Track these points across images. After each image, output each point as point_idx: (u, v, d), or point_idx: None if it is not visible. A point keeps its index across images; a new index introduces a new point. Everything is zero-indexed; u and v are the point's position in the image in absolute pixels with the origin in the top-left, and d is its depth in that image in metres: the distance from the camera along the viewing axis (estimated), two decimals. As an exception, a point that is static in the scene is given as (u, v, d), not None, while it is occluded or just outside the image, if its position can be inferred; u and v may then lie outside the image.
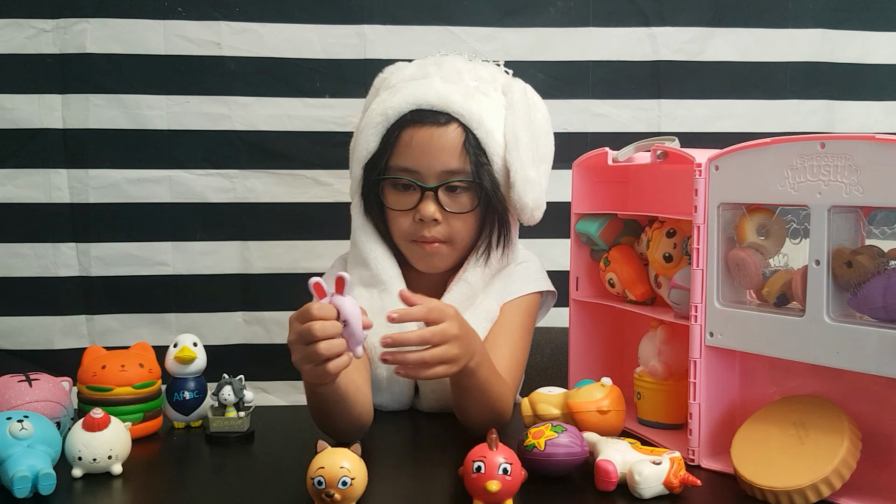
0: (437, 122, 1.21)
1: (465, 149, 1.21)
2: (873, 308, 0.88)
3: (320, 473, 0.84)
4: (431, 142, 1.21)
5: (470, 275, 1.27)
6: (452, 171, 1.21)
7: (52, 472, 0.90)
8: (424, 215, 1.21)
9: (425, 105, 1.22)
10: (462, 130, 1.21)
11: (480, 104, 1.23)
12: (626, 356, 1.30)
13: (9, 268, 1.68)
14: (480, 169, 1.22)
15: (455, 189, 1.22)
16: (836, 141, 0.90)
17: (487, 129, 1.21)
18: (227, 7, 1.68)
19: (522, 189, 1.22)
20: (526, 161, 1.22)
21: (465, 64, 1.29)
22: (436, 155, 1.21)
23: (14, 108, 1.66)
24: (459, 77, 1.25)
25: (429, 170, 1.22)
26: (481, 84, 1.26)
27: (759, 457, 0.93)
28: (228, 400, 1.12)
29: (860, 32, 1.78)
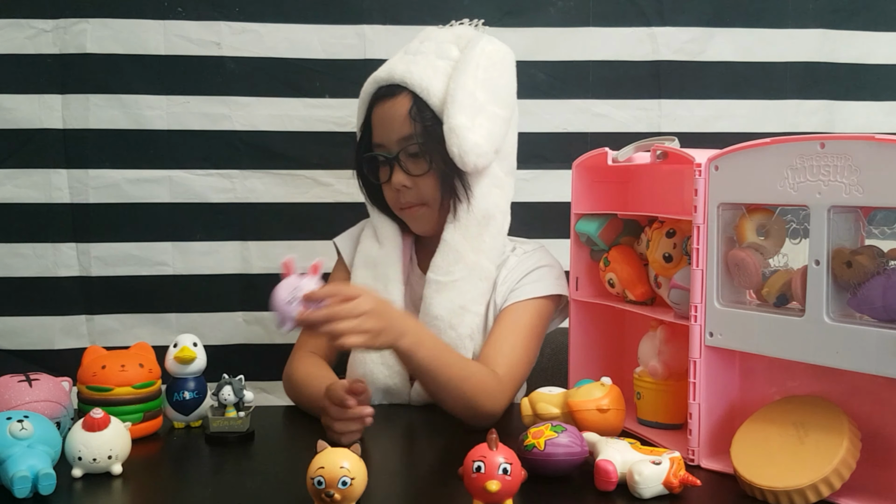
0: (392, 94, 1.30)
1: (409, 114, 1.28)
2: (873, 308, 0.88)
3: (320, 473, 0.84)
4: (386, 114, 1.30)
5: (447, 234, 1.31)
6: (406, 137, 1.29)
7: (52, 472, 0.90)
8: (394, 184, 1.30)
9: (382, 82, 1.31)
10: (410, 97, 1.28)
11: (425, 68, 1.29)
12: (626, 356, 1.30)
13: (9, 268, 1.68)
14: (425, 130, 1.28)
15: (413, 154, 1.29)
16: (835, 141, 0.89)
17: (429, 90, 1.27)
18: (227, 7, 1.68)
19: (448, 138, 1.25)
20: (454, 111, 1.25)
21: (437, 32, 1.36)
22: (391, 125, 1.29)
23: (14, 108, 1.66)
24: (420, 46, 1.33)
25: (389, 141, 1.30)
26: (441, 46, 1.32)
27: (759, 457, 0.93)
28: (228, 400, 1.12)
29: (860, 32, 1.78)
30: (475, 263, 1.30)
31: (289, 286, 1.02)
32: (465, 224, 1.30)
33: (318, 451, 0.86)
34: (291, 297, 1.01)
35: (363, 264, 1.37)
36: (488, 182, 1.31)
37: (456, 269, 1.29)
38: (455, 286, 1.29)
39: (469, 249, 1.30)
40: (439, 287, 1.29)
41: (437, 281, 1.30)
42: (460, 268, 1.29)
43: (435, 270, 1.30)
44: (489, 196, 1.31)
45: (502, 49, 1.34)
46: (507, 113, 1.32)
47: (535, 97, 1.74)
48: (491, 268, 1.31)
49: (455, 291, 1.29)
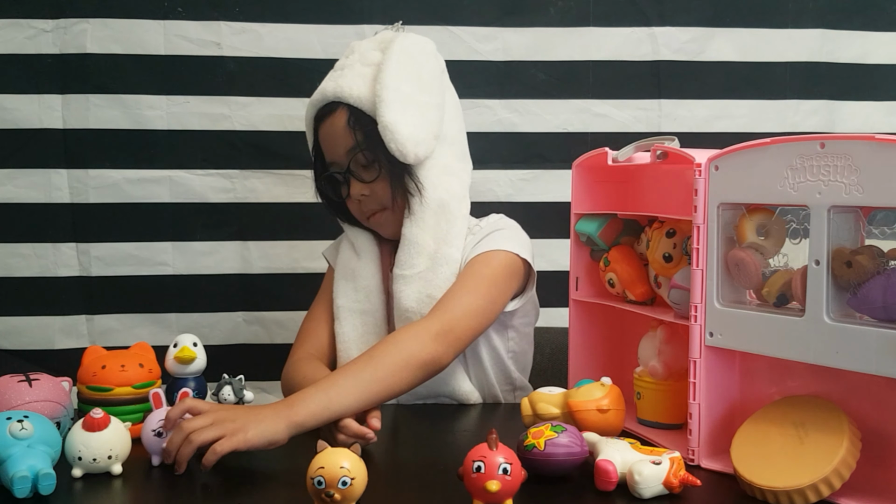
0: (330, 112, 1.32)
1: (348, 125, 1.30)
2: (873, 308, 0.88)
3: (320, 473, 0.83)
4: (328, 132, 1.33)
5: (406, 230, 1.33)
6: (351, 149, 1.31)
7: (52, 472, 0.90)
8: (353, 195, 1.33)
9: (318, 103, 1.34)
10: (346, 110, 1.31)
11: (353, 79, 1.31)
12: (626, 356, 1.30)
13: (9, 268, 1.69)
14: (366, 137, 1.30)
15: (362, 164, 1.32)
16: (836, 141, 0.89)
17: (359, 97, 1.29)
18: (227, 7, 1.68)
19: (384, 136, 1.27)
20: (383, 110, 1.26)
21: (359, 44, 1.37)
22: (335, 141, 1.33)
23: (14, 108, 1.66)
24: (345, 61, 1.35)
25: (337, 156, 1.33)
26: (364, 54, 1.33)
27: (759, 457, 0.93)
28: (228, 400, 1.12)
29: (860, 32, 1.78)
30: (436, 252, 1.31)
31: (155, 419, 1.01)
32: (421, 216, 1.32)
33: (318, 451, 0.86)
34: (158, 430, 1.01)
35: (343, 276, 1.39)
36: (437, 171, 1.33)
37: (419, 262, 1.31)
38: (421, 277, 1.31)
39: (429, 239, 1.32)
40: (406, 280, 1.31)
41: (402, 275, 1.32)
42: (423, 259, 1.31)
43: (399, 265, 1.32)
44: (440, 184, 1.33)
45: (419, 40, 1.36)
46: (437, 99, 1.34)
47: (535, 97, 1.74)
48: (454, 253, 1.32)
49: (422, 282, 1.30)
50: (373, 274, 1.37)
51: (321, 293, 1.45)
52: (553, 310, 1.65)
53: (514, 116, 1.74)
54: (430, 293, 1.30)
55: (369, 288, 1.36)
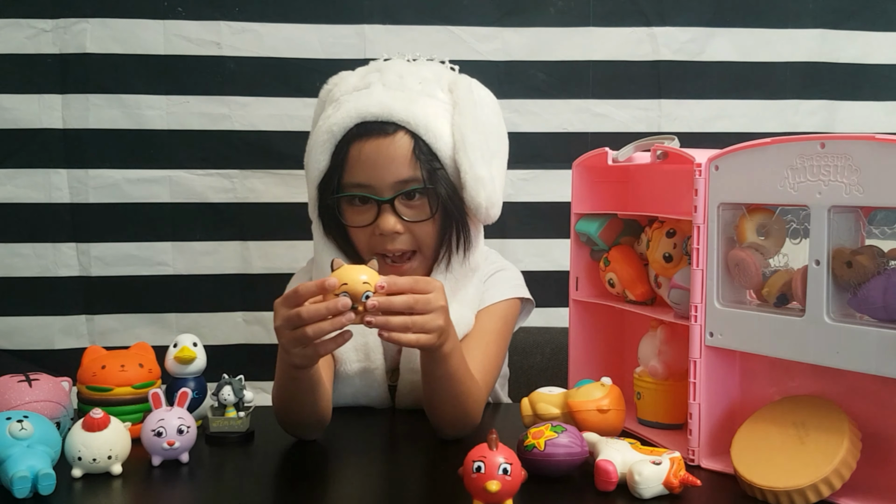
0: (384, 132, 1.19)
1: (415, 155, 1.19)
2: (873, 308, 0.88)
3: (344, 290, 0.89)
4: (380, 153, 1.19)
5: None
6: (406, 181, 1.19)
7: (51, 472, 0.90)
8: (384, 230, 1.19)
9: (369, 117, 1.19)
10: (410, 137, 1.19)
11: (425, 108, 1.20)
12: (626, 356, 1.30)
13: (9, 268, 1.68)
14: (433, 174, 1.20)
15: (412, 197, 1.20)
16: (836, 141, 0.89)
17: (435, 132, 1.19)
18: (227, 7, 1.68)
19: (473, 189, 1.20)
20: (475, 160, 1.19)
21: (407, 67, 1.26)
22: (386, 166, 1.19)
23: (14, 108, 1.66)
24: (402, 82, 1.22)
25: (382, 182, 1.19)
26: (425, 86, 1.23)
27: (759, 457, 0.93)
28: (228, 400, 1.12)
29: (860, 32, 1.78)
30: (459, 315, 1.20)
31: (155, 419, 1.01)
32: (456, 276, 1.25)
33: (335, 269, 0.89)
34: (158, 430, 1.00)
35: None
36: (479, 234, 1.30)
37: None
38: None
39: (454, 302, 1.21)
40: None
41: None
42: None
43: None
44: (479, 247, 1.29)
45: (491, 95, 1.29)
46: (505, 163, 1.30)
47: (535, 97, 1.74)
48: (470, 316, 1.26)
49: None
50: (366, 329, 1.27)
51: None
52: (553, 310, 1.65)
53: (515, 116, 1.74)
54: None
55: (367, 346, 1.25)
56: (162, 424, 1.00)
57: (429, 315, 0.98)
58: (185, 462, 1.03)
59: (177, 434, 1.01)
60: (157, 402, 1.03)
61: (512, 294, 1.32)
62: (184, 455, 1.03)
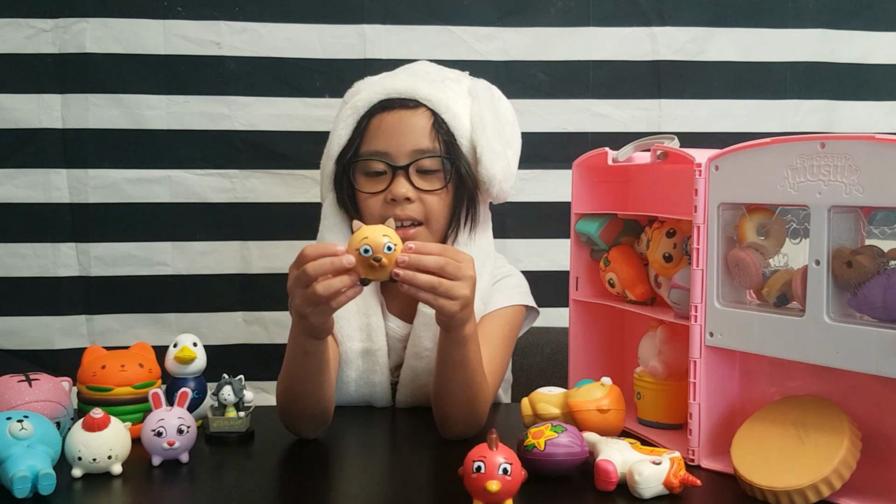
0: (406, 105, 1.25)
1: (434, 129, 1.24)
2: (873, 308, 0.88)
3: (365, 243, 0.94)
4: (401, 123, 1.24)
5: None
6: (423, 150, 1.24)
7: (51, 472, 0.90)
8: (396, 194, 1.22)
9: (394, 94, 1.26)
10: (431, 114, 1.25)
11: (447, 93, 1.27)
12: (626, 356, 1.30)
13: (9, 268, 1.69)
14: (451, 147, 1.25)
15: (426, 169, 1.24)
16: (836, 141, 0.89)
17: (454, 113, 1.25)
18: (227, 7, 1.68)
19: (490, 161, 1.24)
20: (491, 137, 1.25)
21: (431, 66, 1.35)
22: (405, 134, 1.24)
23: (14, 108, 1.66)
24: (427, 74, 1.31)
25: (399, 149, 1.24)
26: (448, 82, 1.30)
27: (759, 457, 0.93)
28: (228, 400, 1.12)
29: (860, 32, 1.78)
30: None
31: (155, 419, 1.01)
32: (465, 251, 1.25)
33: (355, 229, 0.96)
34: (158, 430, 1.00)
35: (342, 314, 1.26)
36: (488, 217, 1.32)
37: None
38: None
39: None
40: (429, 320, 1.23)
41: (427, 313, 1.24)
42: None
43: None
44: (487, 236, 1.32)
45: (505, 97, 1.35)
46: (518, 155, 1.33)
47: (535, 97, 1.74)
48: (480, 306, 1.25)
49: None
50: (373, 310, 1.27)
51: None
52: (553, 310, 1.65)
53: (514, 116, 1.74)
54: None
55: (370, 326, 1.27)
56: (162, 424, 1.00)
57: (457, 282, 1.00)
58: (185, 462, 1.03)
59: (177, 434, 1.01)
60: (157, 402, 1.03)
61: (518, 301, 1.33)
62: (184, 455, 1.03)
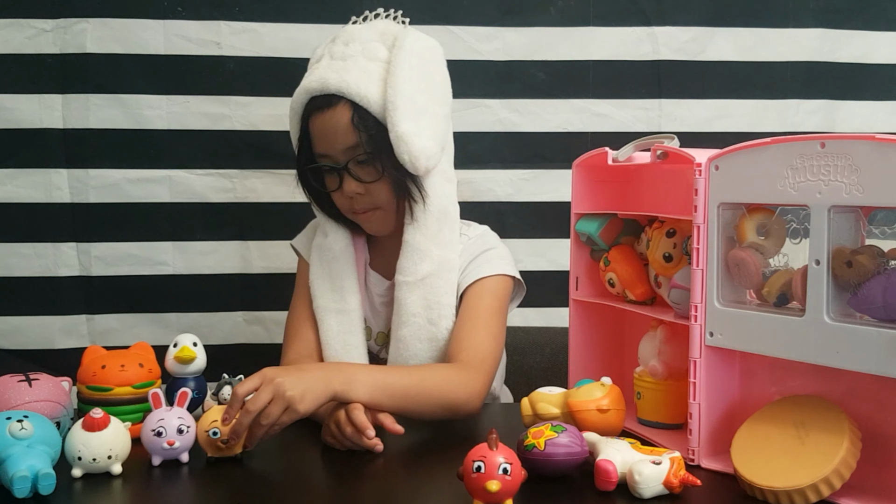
0: (329, 104, 1.28)
1: (353, 124, 1.27)
2: (873, 308, 0.88)
3: (215, 426, 1.01)
4: (326, 125, 1.29)
5: (408, 236, 1.32)
6: (352, 147, 1.28)
7: (51, 472, 0.90)
8: (347, 192, 1.30)
9: (314, 92, 1.29)
10: (349, 106, 1.27)
11: (359, 75, 1.27)
12: (626, 356, 1.30)
13: (9, 268, 1.69)
14: (371, 138, 1.27)
15: (362, 162, 1.29)
16: (836, 141, 0.89)
17: (368, 97, 1.26)
18: (227, 7, 1.68)
19: (396, 145, 1.26)
20: (398, 119, 1.24)
21: (356, 32, 1.32)
22: (333, 136, 1.28)
23: (14, 107, 1.66)
24: (346, 50, 1.30)
25: (335, 150, 1.29)
26: (366, 50, 1.29)
27: (759, 457, 0.93)
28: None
29: (861, 32, 1.78)
30: (440, 258, 1.32)
31: (155, 419, 1.01)
32: (425, 223, 1.32)
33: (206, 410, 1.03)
34: (158, 430, 1.01)
35: (318, 260, 1.38)
36: (439, 178, 1.34)
37: (422, 267, 1.31)
38: (425, 283, 1.31)
39: (432, 246, 1.32)
40: (410, 287, 1.31)
41: (405, 282, 1.32)
42: (426, 265, 1.31)
43: (402, 272, 1.32)
44: (442, 192, 1.34)
45: (431, 44, 1.33)
46: (447, 110, 1.34)
47: (535, 97, 1.74)
48: (454, 258, 1.34)
49: (426, 288, 1.31)
50: (349, 273, 1.36)
51: (299, 289, 1.43)
52: (553, 310, 1.65)
53: (514, 116, 1.74)
54: (435, 299, 1.31)
55: (345, 288, 1.35)
56: (162, 424, 1.00)
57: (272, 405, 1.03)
58: (185, 462, 1.03)
59: (177, 434, 1.01)
60: (157, 401, 1.03)
61: (501, 270, 1.35)
62: (184, 455, 1.03)
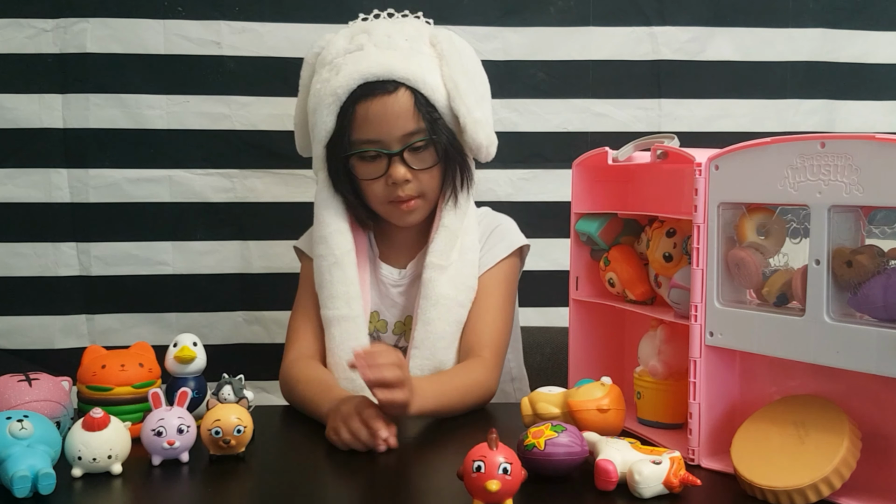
0: (386, 90, 1.28)
1: (417, 109, 1.29)
2: (873, 307, 0.88)
3: (217, 425, 1.00)
4: (386, 110, 1.28)
5: (446, 220, 1.36)
6: (411, 133, 1.30)
7: (51, 472, 0.90)
8: (396, 178, 1.30)
9: (371, 77, 1.28)
10: (410, 93, 1.29)
11: (419, 63, 1.30)
12: (626, 356, 1.30)
13: (9, 267, 1.69)
14: (434, 124, 1.30)
15: (417, 148, 1.31)
16: (836, 140, 0.89)
17: (431, 85, 1.29)
18: (227, 7, 1.68)
19: (473, 130, 1.31)
20: (470, 105, 1.31)
21: (391, 25, 1.35)
22: (393, 122, 1.29)
23: (14, 107, 1.66)
24: (391, 41, 1.31)
25: (390, 136, 1.29)
26: (412, 42, 1.32)
27: (759, 456, 0.93)
28: (228, 400, 1.12)
29: (861, 32, 1.78)
30: (470, 242, 1.37)
31: (155, 418, 1.01)
32: (464, 209, 1.37)
33: (210, 409, 1.02)
34: (158, 430, 1.00)
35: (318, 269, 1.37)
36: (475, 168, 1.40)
37: (453, 252, 1.34)
38: (454, 266, 1.34)
39: (463, 231, 1.36)
40: (441, 270, 1.34)
41: (438, 265, 1.34)
42: (456, 249, 1.35)
43: (437, 255, 1.34)
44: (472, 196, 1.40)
45: (467, 43, 1.38)
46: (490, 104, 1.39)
47: (535, 97, 1.74)
48: (476, 241, 1.38)
49: (455, 270, 1.34)
50: (351, 279, 1.35)
51: (303, 289, 1.42)
52: (553, 310, 1.65)
53: (514, 116, 1.74)
54: (463, 281, 1.35)
55: (349, 293, 1.35)
56: (162, 424, 1.00)
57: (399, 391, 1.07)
58: (185, 462, 1.03)
59: (177, 434, 1.01)
60: (157, 401, 1.03)
61: (508, 251, 1.40)
62: (184, 455, 1.03)
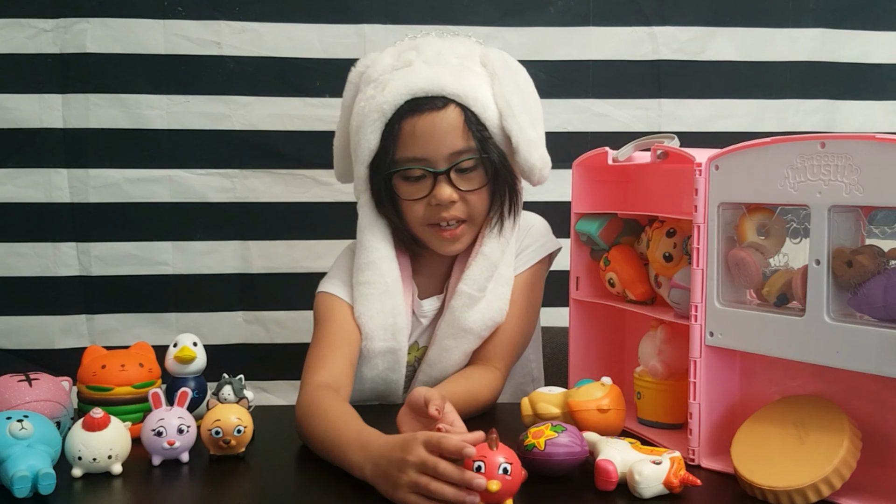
0: (435, 106, 1.22)
1: (467, 127, 1.22)
2: (873, 308, 0.88)
3: (217, 425, 1.01)
4: (434, 127, 1.21)
5: (487, 248, 1.28)
6: (460, 152, 1.22)
7: (51, 472, 0.90)
8: (441, 199, 1.23)
9: (419, 93, 1.21)
10: (460, 110, 1.22)
11: (470, 81, 1.23)
12: (626, 356, 1.30)
13: (9, 267, 1.69)
14: (485, 143, 1.23)
15: (465, 168, 1.23)
16: (836, 140, 0.89)
17: (482, 103, 1.22)
18: (227, 7, 1.68)
19: (527, 150, 1.24)
20: (523, 123, 1.24)
21: (441, 43, 1.28)
22: (441, 139, 1.22)
23: (14, 107, 1.66)
24: (441, 58, 1.25)
25: (437, 154, 1.22)
26: (463, 60, 1.25)
27: (759, 457, 0.93)
28: (228, 400, 1.12)
29: (861, 32, 1.78)
30: (501, 274, 1.30)
31: (155, 418, 1.01)
32: (507, 239, 1.30)
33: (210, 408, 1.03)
34: (158, 430, 1.00)
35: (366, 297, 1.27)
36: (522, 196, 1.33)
37: (489, 283, 1.28)
38: (485, 299, 1.28)
39: (502, 262, 1.29)
40: (472, 301, 1.27)
41: (469, 294, 1.27)
42: (493, 281, 1.29)
43: (470, 284, 1.27)
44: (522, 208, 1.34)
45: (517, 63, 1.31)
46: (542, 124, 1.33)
47: (536, 97, 1.74)
48: (511, 273, 1.32)
49: (485, 304, 1.28)
50: (400, 308, 1.27)
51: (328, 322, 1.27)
52: (553, 310, 1.65)
53: (515, 116, 1.74)
54: (492, 317, 1.29)
55: (397, 325, 1.27)
56: (162, 424, 1.00)
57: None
58: (185, 462, 1.03)
59: (177, 434, 1.01)
60: (157, 401, 1.03)
61: (539, 256, 1.35)
62: (184, 455, 1.03)
